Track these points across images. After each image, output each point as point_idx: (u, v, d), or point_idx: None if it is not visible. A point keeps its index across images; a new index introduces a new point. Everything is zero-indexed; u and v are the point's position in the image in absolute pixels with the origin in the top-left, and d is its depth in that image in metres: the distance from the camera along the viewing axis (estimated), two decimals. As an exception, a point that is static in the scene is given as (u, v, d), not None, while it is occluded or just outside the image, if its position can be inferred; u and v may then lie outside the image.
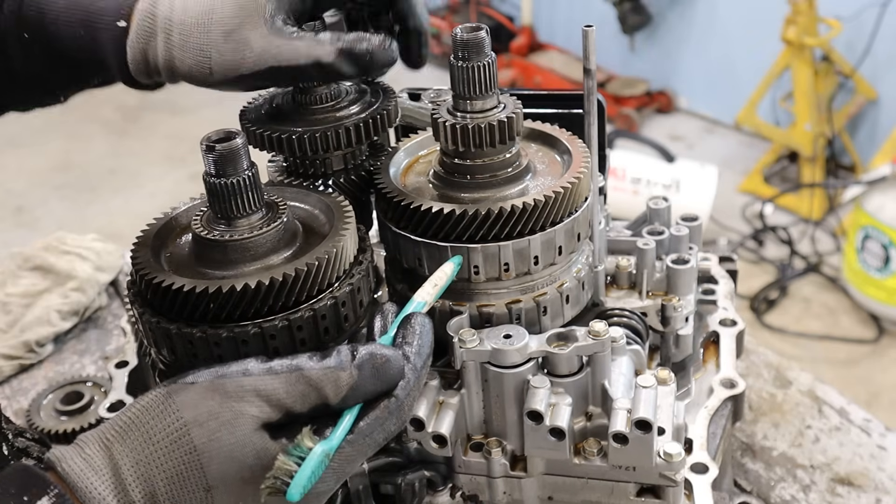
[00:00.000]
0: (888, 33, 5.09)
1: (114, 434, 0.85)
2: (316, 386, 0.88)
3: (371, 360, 0.90)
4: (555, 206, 1.13)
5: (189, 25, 1.07)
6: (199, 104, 6.31)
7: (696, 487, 1.17)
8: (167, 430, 0.84)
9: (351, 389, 0.89)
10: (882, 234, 4.34)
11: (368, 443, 0.90)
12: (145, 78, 1.12)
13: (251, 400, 0.86)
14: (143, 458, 0.83)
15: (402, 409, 0.92)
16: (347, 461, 0.89)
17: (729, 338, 1.46)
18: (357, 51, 1.08)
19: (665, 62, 6.54)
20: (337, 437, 0.88)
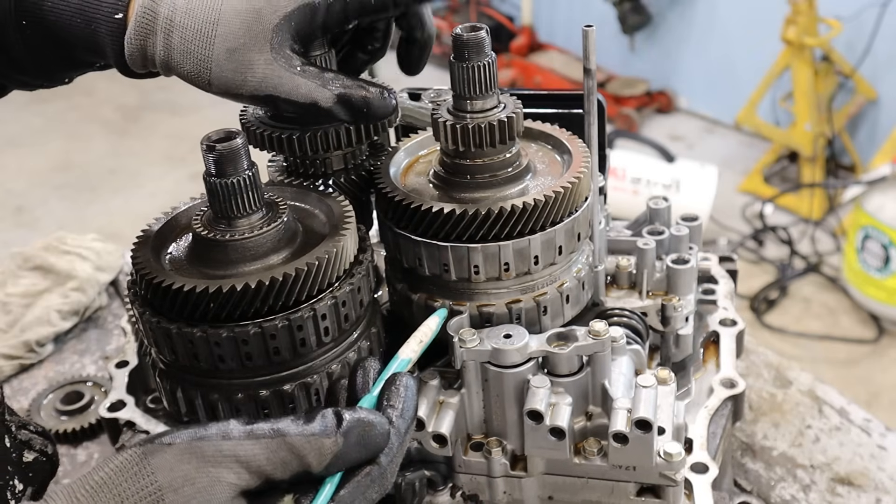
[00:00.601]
0: (888, 33, 5.09)
1: (84, 493, 0.82)
2: (298, 453, 0.84)
3: (357, 427, 0.86)
4: (555, 206, 1.13)
5: (191, 31, 1.05)
6: (200, 104, 6.31)
7: (696, 487, 1.17)
8: (140, 493, 0.80)
9: (335, 457, 0.85)
10: (882, 234, 4.34)
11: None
12: (141, 69, 1.11)
13: (230, 466, 0.82)
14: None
15: (384, 477, 0.88)
16: None
17: (729, 338, 1.46)
18: (355, 99, 1.06)
19: (665, 62, 6.54)
20: None
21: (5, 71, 1.15)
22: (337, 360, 1.11)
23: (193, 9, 1.05)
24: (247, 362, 1.05)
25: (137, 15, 1.06)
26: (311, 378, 1.10)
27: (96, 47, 1.09)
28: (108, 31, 1.08)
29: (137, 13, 1.06)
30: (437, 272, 1.17)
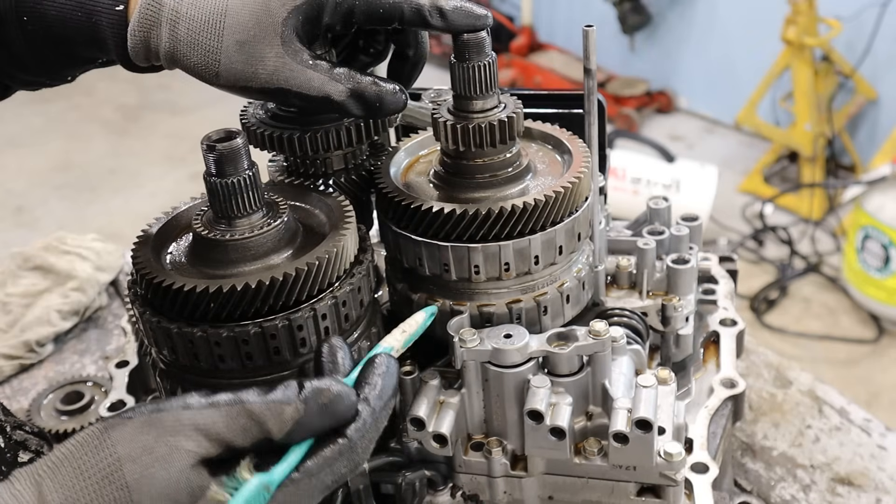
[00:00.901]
0: (888, 33, 5.09)
1: (46, 469, 0.81)
2: (258, 419, 0.83)
3: (319, 395, 0.86)
4: (555, 206, 1.13)
5: (198, 22, 1.04)
6: (200, 104, 6.31)
7: (697, 487, 1.17)
8: (99, 465, 0.80)
9: (296, 424, 0.84)
10: (882, 234, 4.34)
11: (315, 484, 0.86)
12: (144, 62, 1.10)
13: (188, 434, 0.81)
14: (73, 494, 0.79)
15: (354, 452, 0.87)
16: (292, 502, 0.84)
17: (729, 338, 1.46)
18: (368, 95, 1.06)
19: (665, 62, 6.54)
20: (279, 471, 0.84)
21: (7, 69, 1.15)
22: (337, 359, 1.11)
23: (200, 0, 1.05)
24: (247, 362, 1.05)
25: (142, 6, 1.06)
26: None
27: (98, 41, 1.09)
28: (110, 24, 1.07)
29: (142, 4, 1.06)
30: (438, 272, 1.17)
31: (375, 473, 1.21)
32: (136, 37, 1.07)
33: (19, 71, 1.16)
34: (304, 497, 0.85)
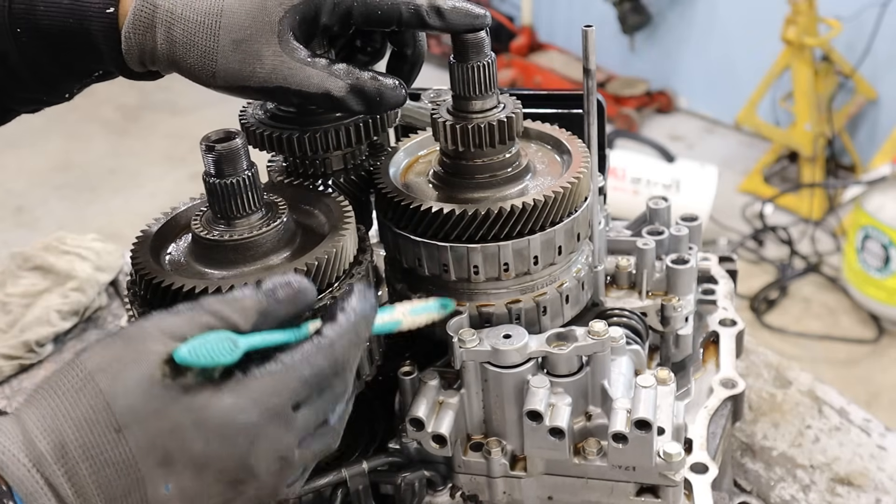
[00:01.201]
0: (888, 33, 5.09)
1: (23, 402, 0.84)
2: (220, 315, 0.86)
3: (279, 287, 0.89)
4: (554, 206, 1.13)
5: (194, 23, 1.04)
6: (200, 104, 6.31)
7: (696, 487, 1.17)
8: (72, 381, 0.82)
9: (260, 314, 0.87)
10: (882, 234, 4.34)
11: (292, 376, 0.86)
12: (139, 66, 1.10)
13: (156, 337, 0.83)
14: (50, 411, 0.81)
15: (332, 348, 0.88)
16: (268, 393, 0.85)
17: (729, 338, 1.46)
18: (369, 90, 1.06)
19: (665, 62, 6.53)
20: (247, 339, 0.85)
21: (6, 86, 1.15)
22: (336, 360, 1.11)
23: (195, 1, 1.04)
24: (246, 362, 1.05)
25: (136, 8, 1.05)
26: (310, 378, 1.09)
27: (91, 47, 1.08)
28: (101, 28, 1.07)
29: (136, 6, 1.05)
30: (437, 272, 1.17)
31: (375, 474, 1.21)
32: (130, 40, 1.06)
33: (17, 88, 1.15)
34: (282, 389, 0.86)
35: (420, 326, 1.06)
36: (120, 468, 0.81)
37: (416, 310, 1.06)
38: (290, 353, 0.87)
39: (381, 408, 1.30)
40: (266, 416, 0.85)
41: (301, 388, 0.87)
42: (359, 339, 0.92)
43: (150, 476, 0.81)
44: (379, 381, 1.25)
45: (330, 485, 1.19)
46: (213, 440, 0.83)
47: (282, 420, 0.86)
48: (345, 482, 1.20)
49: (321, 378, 0.88)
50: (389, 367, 1.22)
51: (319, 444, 0.92)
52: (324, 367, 0.88)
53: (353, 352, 0.91)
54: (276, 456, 0.86)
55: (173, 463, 0.82)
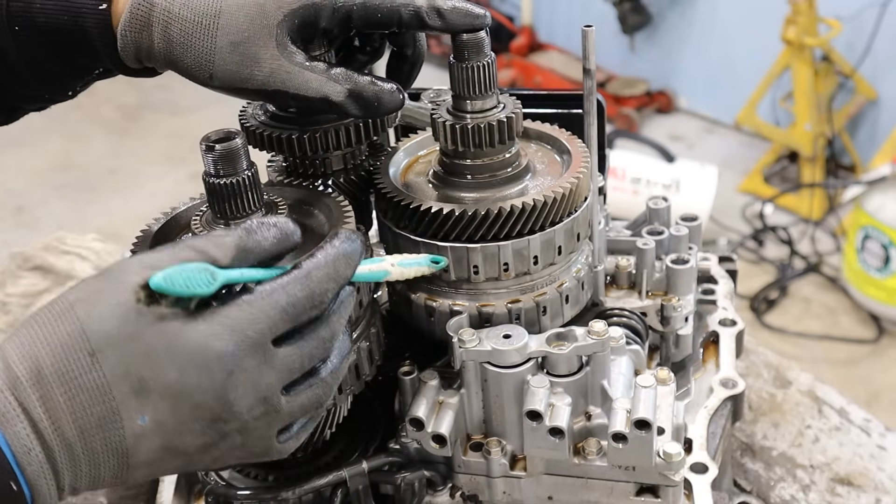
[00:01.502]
0: (888, 33, 5.09)
1: (7, 336, 0.85)
2: (199, 249, 0.86)
3: (260, 226, 0.89)
4: (554, 206, 1.13)
5: (191, 24, 1.03)
6: (199, 104, 6.31)
7: (696, 487, 1.17)
8: (53, 311, 0.83)
9: (239, 249, 0.87)
10: (882, 234, 4.34)
11: (268, 303, 0.85)
12: (135, 63, 1.10)
13: (135, 269, 0.84)
14: (29, 338, 0.82)
15: (309, 279, 0.88)
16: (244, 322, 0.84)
17: (729, 338, 1.46)
18: (367, 95, 1.06)
19: (665, 62, 6.53)
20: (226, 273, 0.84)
21: (7, 83, 1.15)
22: (336, 360, 1.11)
23: (192, 0, 1.04)
24: (246, 362, 1.05)
25: (133, 6, 1.05)
26: (310, 378, 1.09)
27: (87, 44, 1.08)
28: (95, 24, 1.07)
29: (132, 4, 1.05)
30: (437, 272, 1.17)
31: (375, 474, 1.21)
32: (126, 37, 1.06)
33: (19, 85, 1.15)
34: (258, 315, 0.85)
35: (408, 278, 1.07)
36: (94, 394, 0.80)
37: (406, 262, 1.05)
38: (266, 283, 0.87)
39: (381, 408, 1.30)
40: (243, 346, 0.84)
41: (278, 319, 0.86)
42: (338, 276, 0.90)
43: (124, 405, 0.81)
44: (379, 381, 1.25)
45: (330, 485, 1.19)
46: (187, 368, 0.82)
47: (259, 352, 0.84)
48: (345, 482, 1.20)
49: (298, 309, 0.87)
50: (389, 367, 1.22)
51: (308, 394, 0.90)
52: (300, 297, 0.87)
53: (331, 286, 0.89)
54: (258, 395, 0.85)
55: (148, 392, 0.81)
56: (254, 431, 0.87)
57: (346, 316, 0.94)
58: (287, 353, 0.87)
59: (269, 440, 0.89)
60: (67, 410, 0.80)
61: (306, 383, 0.90)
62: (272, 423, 0.88)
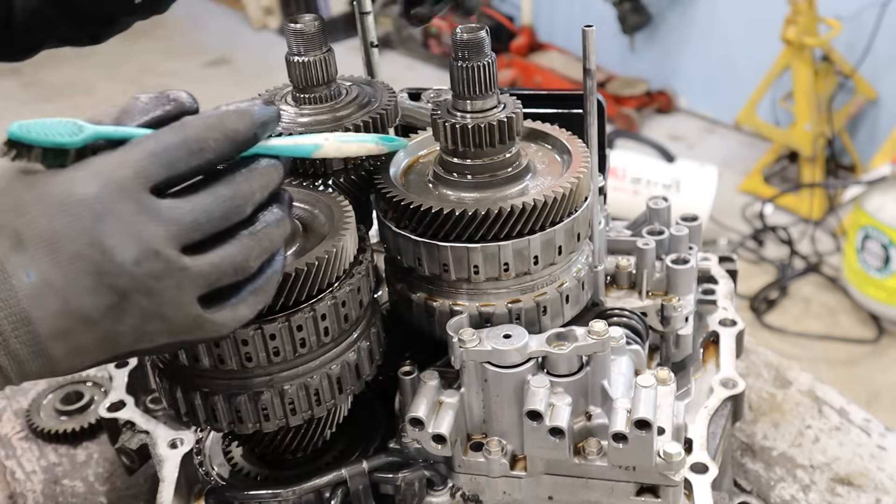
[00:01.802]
0: (888, 33, 5.09)
1: None
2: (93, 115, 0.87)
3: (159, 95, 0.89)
4: (555, 206, 1.13)
5: None
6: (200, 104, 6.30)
7: (696, 487, 1.17)
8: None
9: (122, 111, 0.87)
10: (882, 234, 4.34)
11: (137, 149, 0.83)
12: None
13: None
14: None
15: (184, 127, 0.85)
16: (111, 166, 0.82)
17: (729, 338, 1.46)
18: None
19: (665, 62, 6.54)
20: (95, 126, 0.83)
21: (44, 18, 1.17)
22: (337, 360, 1.11)
23: None
24: (247, 363, 1.05)
25: None
26: (310, 378, 1.10)
27: None
28: None
29: None
30: (437, 272, 1.17)
31: (375, 474, 1.21)
32: None
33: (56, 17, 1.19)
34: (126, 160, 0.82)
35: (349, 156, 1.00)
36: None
37: (347, 137, 0.99)
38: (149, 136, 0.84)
39: (381, 408, 1.30)
40: (109, 189, 0.80)
41: (148, 164, 0.82)
42: (224, 127, 0.86)
43: (8, 261, 0.79)
44: (379, 381, 1.25)
45: (330, 485, 1.19)
46: (55, 214, 0.79)
47: (132, 199, 0.81)
48: (345, 482, 1.20)
49: (171, 154, 0.83)
50: (389, 367, 1.22)
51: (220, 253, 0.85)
52: (171, 143, 0.83)
53: (214, 135, 0.85)
54: (143, 246, 0.81)
55: (25, 244, 0.80)
56: (159, 294, 0.82)
57: (265, 181, 0.89)
58: (171, 205, 0.82)
59: (188, 307, 0.84)
60: None
61: (220, 243, 0.86)
62: (181, 284, 0.83)
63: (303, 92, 1.24)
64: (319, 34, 1.21)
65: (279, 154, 0.92)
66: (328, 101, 1.25)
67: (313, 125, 1.22)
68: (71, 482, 1.56)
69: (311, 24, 1.20)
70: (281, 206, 0.93)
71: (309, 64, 1.22)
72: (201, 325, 0.86)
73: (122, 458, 1.39)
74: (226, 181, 0.87)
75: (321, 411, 1.13)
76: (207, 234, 0.85)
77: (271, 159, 0.91)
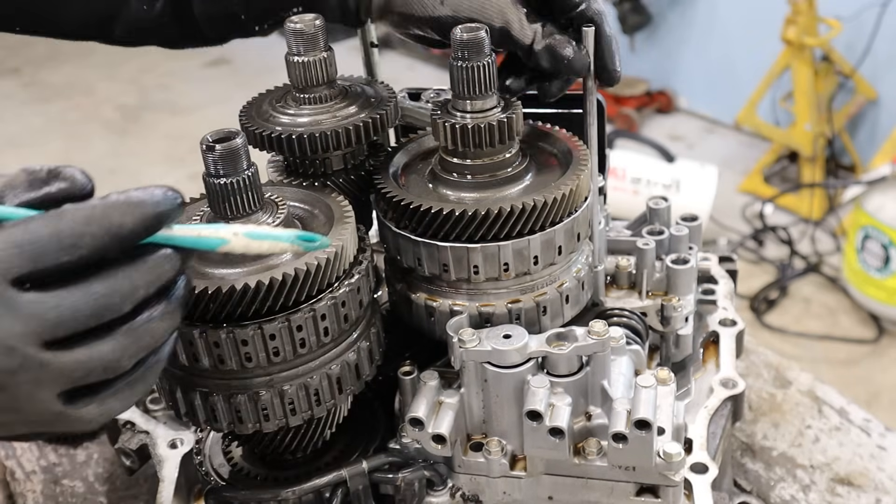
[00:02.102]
0: (888, 33, 5.09)
1: None
2: None
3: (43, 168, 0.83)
4: (554, 206, 1.13)
5: None
6: (200, 104, 6.32)
7: (696, 487, 1.17)
8: None
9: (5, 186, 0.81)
10: (882, 234, 4.34)
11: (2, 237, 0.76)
12: None
13: None
14: None
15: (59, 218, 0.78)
16: None
17: (729, 338, 1.46)
18: (560, 51, 1.15)
19: (665, 62, 6.54)
20: None
21: None
22: (337, 360, 1.11)
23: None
24: (246, 363, 1.05)
25: None
26: (310, 378, 1.10)
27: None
28: None
29: None
30: (437, 272, 1.17)
31: (374, 474, 1.21)
32: None
33: None
34: None
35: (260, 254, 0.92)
36: None
37: (259, 233, 0.89)
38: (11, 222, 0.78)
39: (381, 408, 1.30)
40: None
41: (12, 256, 0.75)
42: (107, 221, 0.80)
43: None
44: (379, 381, 1.25)
45: (330, 485, 1.19)
46: None
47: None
48: (345, 482, 1.20)
49: (39, 248, 0.76)
50: (389, 367, 1.22)
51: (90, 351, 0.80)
52: (41, 235, 0.77)
53: (92, 230, 0.79)
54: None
55: None
56: (14, 388, 0.77)
57: (153, 276, 0.83)
58: (34, 300, 0.76)
59: (47, 403, 0.79)
60: None
61: (87, 341, 0.80)
62: (39, 380, 0.78)
63: (302, 92, 1.24)
64: (319, 34, 1.21)
65: (178, 245, 0.84)
66: (328, 102, 1.25)
67: (313, 125, 1.22)
68: (71, 482, 1.56)
69: (311, 24, 1.20)
70: (170, 301, 0.86)
71: (309, 64, 1.22)
72: (63, 419, 0.81)
73: (122, 459, 1.39)
74: (103, 276, 0.80)
75: (321, 411, 1.13)
76: (73, 331, 0.79)
77: (167, 250, 0.84)
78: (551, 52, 1.16)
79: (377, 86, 1.32)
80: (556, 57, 1.16)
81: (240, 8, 1.28)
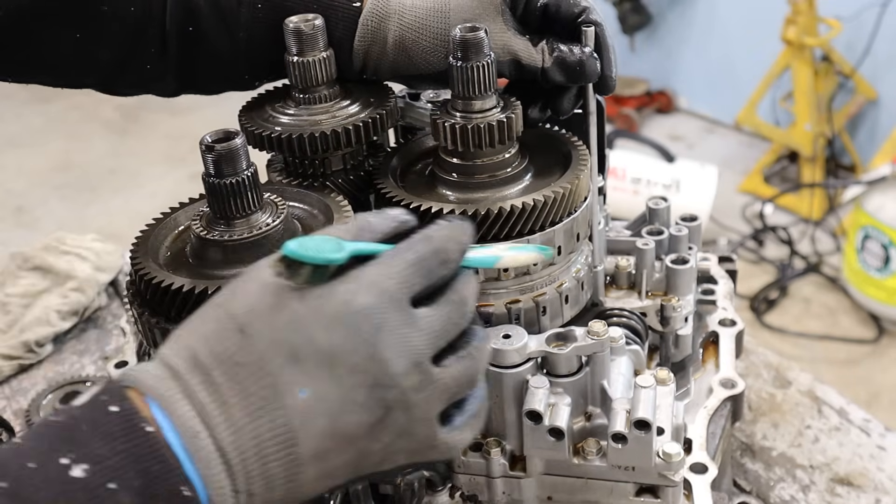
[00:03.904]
0: (888, 33, 5.09)
1: None
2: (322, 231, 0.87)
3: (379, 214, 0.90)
4: (554, 206, 1.13)
5: (425, 10, 1.19)
6: (200, 104, 6.28)
7: (696, 487, 1.17)
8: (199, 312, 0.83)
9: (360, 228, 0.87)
10: (882, 234, 4.34)
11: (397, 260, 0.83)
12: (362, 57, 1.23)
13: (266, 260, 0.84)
14: (181, 337, 0.81)
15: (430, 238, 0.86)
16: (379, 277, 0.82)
17: (728, 338, 1.46)
18: (570, 61, 1.17)
19: (665, 62, 6.53)
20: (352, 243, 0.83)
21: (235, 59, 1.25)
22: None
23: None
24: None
25: (372, 2, 1.20)
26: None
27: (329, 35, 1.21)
28: (343, 17, 1.20)
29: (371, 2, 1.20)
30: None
31: (374, 474, 1.21)
32: (366, 25, 1.20)
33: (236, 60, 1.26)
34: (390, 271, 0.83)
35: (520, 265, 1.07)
36: (251, 369, 0.78)
37: (516, 248, 1.04)
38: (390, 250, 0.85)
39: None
40: (383, 300, 0.80)
41: (411, 274, 0.83)
42: (457, 239, 0.88)
43: (281, 378, 0.78)
44: (378, 381, 1.25)
45: (329, 485, 1.19)
46: (334, 328, 0.79)
47: (401, 310, 0.81)
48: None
49: (428, 265, 0.84)
50: (389, 368, 1.22)
51: (459, 367, 0.85)
52: (426, 253, 0.84)
53: (454, 245, 0.86)
54: (410, 357, 0.80)
55: (301, 360, 0.78)
56: (415, 408, 0.82)
57: (471, 290, 0.89)
58: (427, 314, 0.83)
59: (431, 424, 0.84)
60: (230, 391, 0.77)
61: (456, 354, 0.86)
62: (430, 398, 0.83)
63: (302, 92, 1.24)
64: (319, 34, 1.21)
65: (469, 266, 0.92)
66: (328, 102, 1.25)
67: (312, 125, 1.22)
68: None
69: (310, 24, 1.20)
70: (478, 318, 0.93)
71: (309, 64, 1.22)
72: (436, 443, 0.86)
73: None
74: (453, 288, 0.87)
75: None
76: (447, 343, 0.85)
77: (469, 270, 0.91)
78: (562, 64, 1.16)
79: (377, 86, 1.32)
80: (568, 67, 1.17)
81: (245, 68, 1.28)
